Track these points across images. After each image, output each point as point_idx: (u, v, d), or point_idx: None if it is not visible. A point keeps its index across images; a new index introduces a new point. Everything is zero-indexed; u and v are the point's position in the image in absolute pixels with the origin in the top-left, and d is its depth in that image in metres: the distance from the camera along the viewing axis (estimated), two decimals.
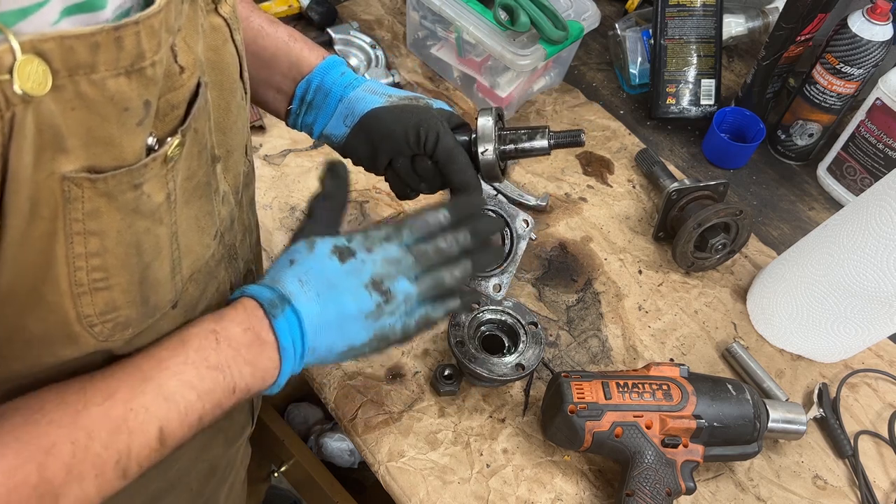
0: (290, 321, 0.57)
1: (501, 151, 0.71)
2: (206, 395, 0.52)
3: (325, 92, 0.69)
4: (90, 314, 0.45)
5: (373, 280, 0.60)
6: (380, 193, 1.05)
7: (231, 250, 0.62)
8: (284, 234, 0.99)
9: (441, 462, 0.81)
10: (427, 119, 0.68)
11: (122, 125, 0.40)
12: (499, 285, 0.76)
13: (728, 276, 1.03)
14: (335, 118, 0.70)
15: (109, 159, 0.40)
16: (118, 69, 0.38)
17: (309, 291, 0.58)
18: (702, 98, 1.19)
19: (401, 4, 1.33)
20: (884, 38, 1.01)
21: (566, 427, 0.76)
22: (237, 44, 0.53)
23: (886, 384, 0.94)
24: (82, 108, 0.37)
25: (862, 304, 0.85)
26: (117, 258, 0.44)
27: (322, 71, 0.70)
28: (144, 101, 0.40)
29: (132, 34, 0.37)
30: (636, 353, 0.93)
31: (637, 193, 1.11)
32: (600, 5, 1.18)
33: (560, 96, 1.24)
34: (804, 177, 1.18)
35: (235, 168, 0.59)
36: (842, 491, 0.84)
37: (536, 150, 0.71)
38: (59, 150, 0.38)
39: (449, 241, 0.63)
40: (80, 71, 0.36)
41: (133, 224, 0.44)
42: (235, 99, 0.55)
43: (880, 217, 0.78)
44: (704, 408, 0.76)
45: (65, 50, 0.35)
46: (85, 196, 0.40)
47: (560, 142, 0.71)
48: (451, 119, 0.71)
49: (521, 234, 0.76)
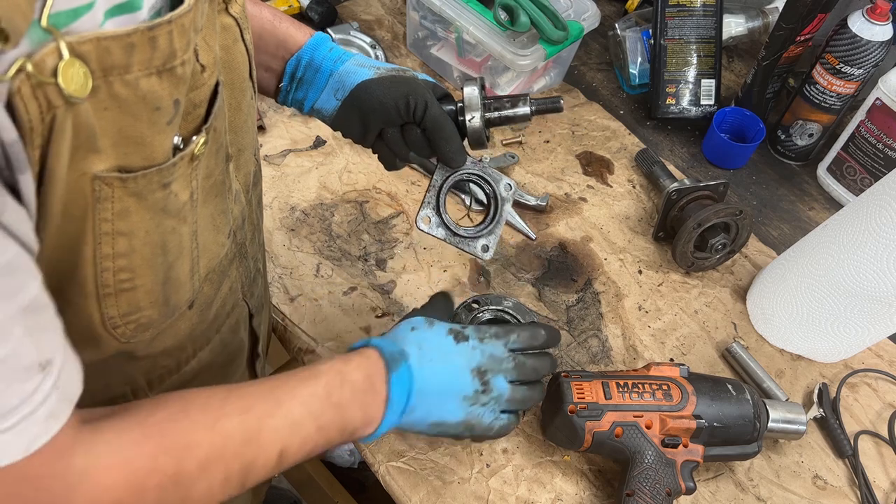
0: (402, 378, 0.60)
1: (487, 119, 0.74)
2: (323, 428, 0.56)
3: (316, 68, 0.71)
4: (114, 315, 0.46)
5: (479, 368, 0.65)
6: (380, 193, 1.05)
7: (242, 249, 0.63)
8: (284, 233, 0.99)
9: (441, 462, 0.81)
10: (415, 89, 0.70)
11: (152, 124, 0.40)
12: (486, 246, 0.78)
13: (728, 276, 1.03)
14: (326, 92, 0.71)
15: (140, 159, 0.41)
16: (151, 69, 0.38)
17: (424, 357, 0.63)
18: (702, 98, 1.19)
19: (401, 4, 1.33)
20: (884, 38, 1.01)
21: (566, 427, 0.76)
22: (247, 43, 0.54)
23: (886, 384, 0.94)
24: (115, 108, 0.38)
25: (862, 304, 0.85)
26: (143, 258, 0.45)
27: (311, 48, 0.71)
28: (175, 100, 0.41)
29: (165, 33, 0.38)
30: (636, 353, 0.93)
31: (637, 193, 1.11)
32: (600, 5, 1.18)
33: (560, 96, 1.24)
34: (804, 177, 1.18)
35: (246, 167, 0.60)
36: (842, 491, 0.84)
37: (519, 116, 0.75)
38: (92, 150, 0.38)
39: (543, 364, 0.69)
40: (115, 71, 0.36)
41: (161, 223, 0.45)
42: (245, 98, 0.56)
43: (880, 217, 0.78)
44: (704, 408, 0.76)
45: (101, 51, 0.35)
46: (115, 196, 0.41)
47: (541, 108, 0.76)
48: (436, 89, 0.73)
49: (504, 197, 0.79)
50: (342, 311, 0.92)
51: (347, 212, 1.03)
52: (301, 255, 0.97)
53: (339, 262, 0.97)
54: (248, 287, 0.69)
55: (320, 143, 1.10)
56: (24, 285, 0.36)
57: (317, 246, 0.98)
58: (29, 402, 0.38)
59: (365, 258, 0.98)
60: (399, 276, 0.97)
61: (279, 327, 0.91)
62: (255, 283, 0.71)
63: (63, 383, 0.41)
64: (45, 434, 0.40)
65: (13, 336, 0.36)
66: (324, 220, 1.01)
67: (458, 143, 0.72)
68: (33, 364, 0.38)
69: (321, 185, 1.05)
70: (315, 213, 1.02)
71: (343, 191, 1.05)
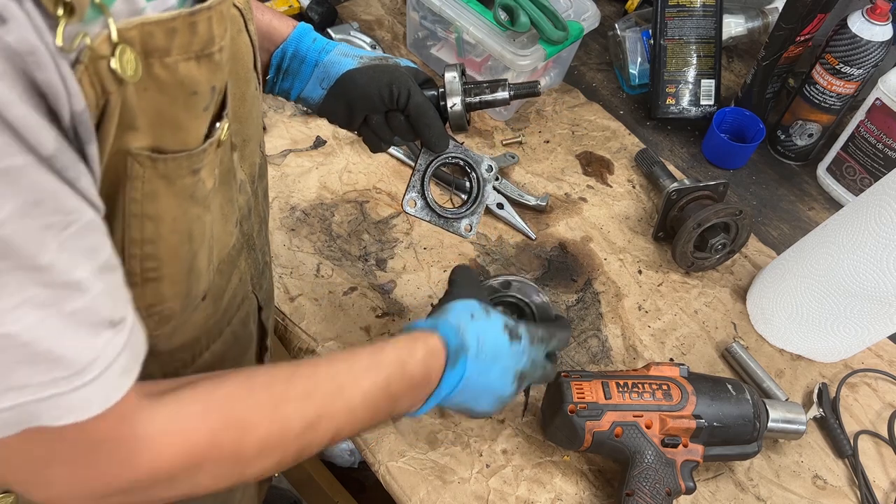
0: (457, 373, 0.63)
1: (467, 104, 0.76)
2: (375, 415, 0.58)
3: (301, 59, 0.73)
4: (138, 307, 0.46)
5: (522, 372, 0.68)
6: (380, 193, 1.05)
7: (249, 240, 0.64)
8: (285, 233, 0.99)
9: (441, 462, 0.81)
10: (398, 77, 0.72)
11: (189, 109, 0.41)
12: (469, 225, 0.80)
13: (728, 276, 1.03)
14: (311, 82, 0.73)
15: (174, 142, 0.42)
16: (189, 53, 0.39)
17: (481, 353, 0.64)
18: (702, 98, 1.19)
19: (401, 4, 1.33)
20: (883, 38, 1.01)
21: (566, 427, 0.76)
22: (251, 34, 0.54)
23: (886, 384, 0.94)
24: (154, 88, 0.39)
25: (862, 304, 0.85)
26: (170, 246, 0.46)
27: (296, 39, 0.73)
28: (211, 87, 0.42)
29: (205, 19, 0.39)
30: (636, 353, 0.93)
31: (637, 193, 1.11)
32: (600, 5, 1.18)
33: (560, 96, 1.24)
34: (804, 177, 1.18)
35: (251, 157, 0.61)
36: (841, 491, 0.84)
37: (499, 101, 0.77)
38: (131, 127, 0.39)
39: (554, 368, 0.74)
40: (156, 54, 0.37)
41: (188, 211, 0.46)
42: (250, 89, 0.57)
43: (880, 217, 0.78)
44: (704, 408, 0.76)
45: (145, 35, 0.36)
46: (146, 175, 0.41)
47: (519, 92, 0.78)
48: (418, 76, 0.75)
49: (486, 178, 0.81)
50: (342, 311, 0.92)
51: (347, 212, 1.03)
52: (301, 255, 0.97)
53: (340, 262, 0.97)
54: (257, 279, 0.69)
55: (320, 143, 1.10)
56: (102, 244, 0.38)
57: (317, 246, 0.98)
58: (103, 356, 0.38)
59: (365, 258, 0.98)
60: (399, 276, 0.97)
61: (279, 327, 0.91)
62: (263, 275, 0.72)
63: (134, 341, 0.41)
64: (119, 390, 0.40)
65: (92, 291, 0.37)
66: (324, 220, 1.01)
67: (441, 129, 0.74)
68: (106, 320, 0.38)
69: (321, 185, 1.05)
70: (315, 213, 1.02)
71: (343, 191, 1.05)
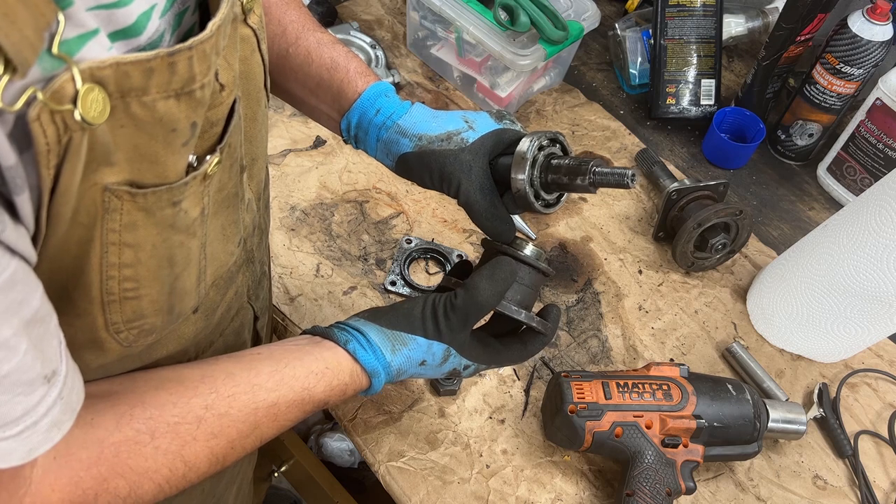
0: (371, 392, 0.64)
1: (541, 183, 0.64)
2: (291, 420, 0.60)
3: (364, 131, 0.70)
4: (117, 321, 0.46)
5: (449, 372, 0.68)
6: (380, 193, 1.05)
7: (250, 255, 0.63)
8: (284, 233, 0.99)
9: (441, 462, 0.81)
10: (449, 168, 0.65)
11: (167, 145, 0.40)
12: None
13: (728, 276, 1.03)
14: (379, 154, 0.71)
15: (152, 176, 0.41)
16: (168, 91, 0.38)
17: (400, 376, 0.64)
18: (702, 98, 1.19)
19: (401, 4, 1.33)
20: (884, 38, 1.01)
21: (566, 427, 0.76)
22: (263, 53, 0.54)
23: (886, 384, 0.94)
24: (131, 126, 0.38)
25: (862, 304, 0.85)
26: (149, 270, 0.45)
27: (358, 110, 0.69)
28: (191, 123, 0.41)
29: (185, 59, 0.38)
30: (636, 353, 0.93)
31: (637, 193, 1.11)
32: (600, 5, 1.18)
33: (560, 96, 1.24)
34: (804, 177, 1.18)
35: (258, 175, 0.60)
36: (842, 491, 0.84)
37: (576, 187, 0.63)
38: (106, 163, 0.38)
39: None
40: (132, 93, 0.37)
41: (168, 239, 0.45)
42: (261, 108, 0.56)
43: (880, 217, 0.78)
44: (704, 408, 0.76)
45: (120, 75, 0.35)
46: (124, 208, 0.41)
47: (602, 181, 0.61)
48: (501, 138, 0.66)
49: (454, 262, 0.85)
50: (342, 311, 0.92)
51: (347, 212, 1.03)
52: (301, 254, 0.97)
53: (339, 262, 0.97)
54: (254, 290, 0.69)
55: (320, 142, 1.10)
56: (27, 298, 0.36)
57: (317, 246, 0.98)
58: (33, 412, 0.38)
59: (365, 258, 0.98)
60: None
61: (279, 327, 0.91)
62: (260, 285, 0.71)
63: (67, 393, 0.41)
64: (46, 443, 0.40)
65: (19, 350, 0.36)
66: (324, 219, 1.01)
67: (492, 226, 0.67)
68: (39, 376, 0.38)
69: (321, 184, 1.05)
70: (315, 213, 1.02)
71: (343, 191, 1.05)
